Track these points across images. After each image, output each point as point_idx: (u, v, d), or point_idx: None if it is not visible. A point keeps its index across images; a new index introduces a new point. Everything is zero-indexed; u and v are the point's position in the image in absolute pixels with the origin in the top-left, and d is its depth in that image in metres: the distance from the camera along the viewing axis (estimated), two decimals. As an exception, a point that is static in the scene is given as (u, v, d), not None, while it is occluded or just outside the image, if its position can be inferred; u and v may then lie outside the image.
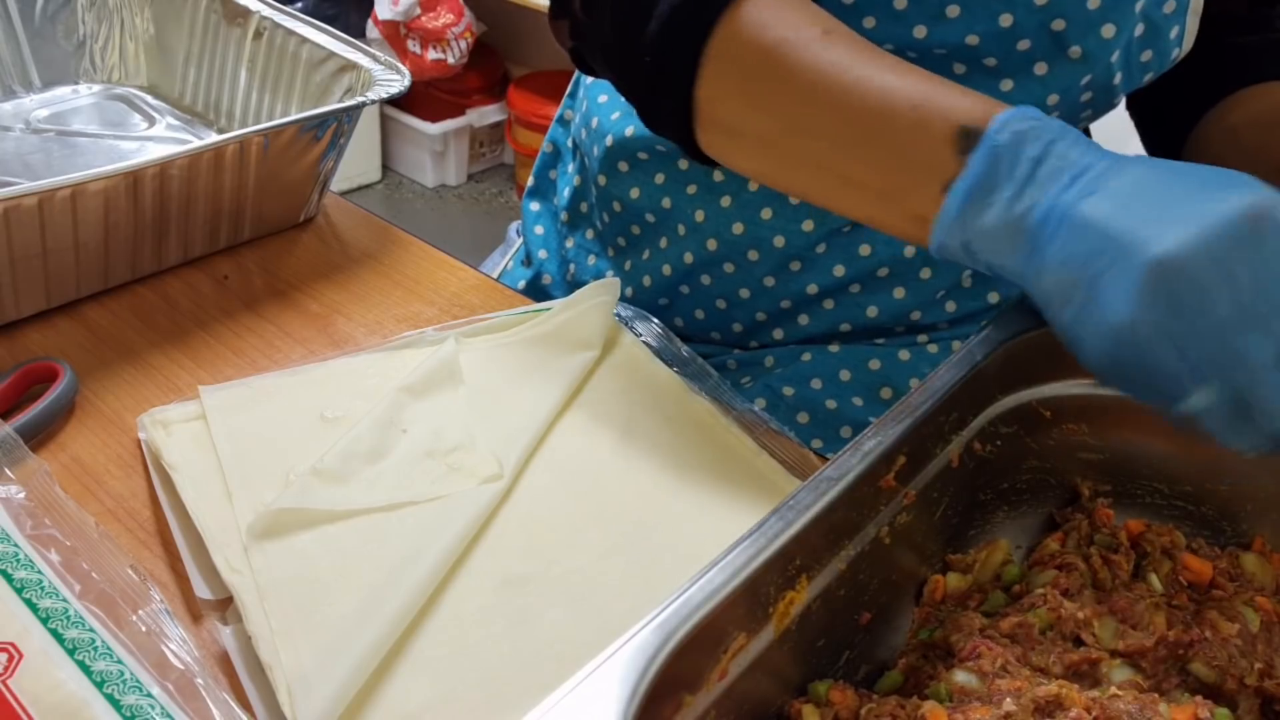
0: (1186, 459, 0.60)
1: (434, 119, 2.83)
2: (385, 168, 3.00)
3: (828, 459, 0.49)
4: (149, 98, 0.99)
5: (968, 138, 0.51)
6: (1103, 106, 0.74)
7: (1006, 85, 0.69)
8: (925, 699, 0.48)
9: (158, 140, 0.95)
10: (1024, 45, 0.68)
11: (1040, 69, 0.69)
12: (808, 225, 0.76)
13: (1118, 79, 0.71)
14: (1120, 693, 0.46)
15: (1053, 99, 0.70)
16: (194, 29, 0.96)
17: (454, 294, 0.80)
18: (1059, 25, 0.67)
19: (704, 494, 0.63)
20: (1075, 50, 0.68)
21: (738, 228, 0.77)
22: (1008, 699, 0.46)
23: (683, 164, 0.79)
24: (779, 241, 0.77)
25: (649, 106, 0.63)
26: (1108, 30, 0.67)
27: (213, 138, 0.75)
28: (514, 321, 0.74)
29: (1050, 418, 0.60)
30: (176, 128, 0.96)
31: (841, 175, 0.56)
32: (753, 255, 0.77)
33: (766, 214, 0.76)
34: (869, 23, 0.68)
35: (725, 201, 0.77)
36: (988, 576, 0.57)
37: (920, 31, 0.68)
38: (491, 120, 2.94)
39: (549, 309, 0.74)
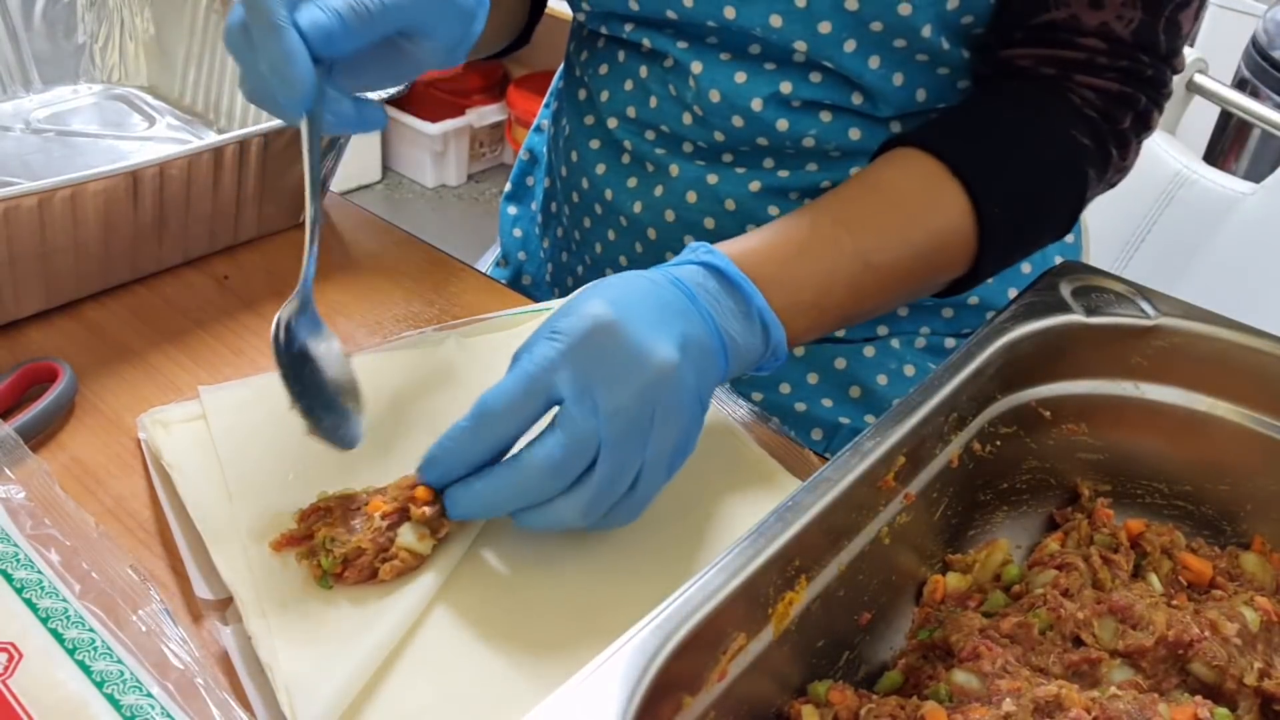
0: (1186, 459, 0.60)
1: (434, 119, 2.83)
2: (385, 168, 3.00)
3: (827, 459, 0.49)
4: (149, 98, 0.99)
5: None
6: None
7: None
8: (925, 699, 0.48)
9: (158, 140, 0.95)
10: (825, 27, 0.70)
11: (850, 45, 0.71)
12: (730, 204, 0.77)
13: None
14: (1120, 693, 0.46)
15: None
16: (194, 29, 0.96)
17: (454, 294, 0.80)
18: (852, 5, 0.69)
19: (704, 494, 0.63)
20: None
21: (669, 215, 0.79)
22: (1008, 699, 0.46)
23: (624, 158, 0.80)
24: (709, 223, 0.78)
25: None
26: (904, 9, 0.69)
27: (212, 138, 0.76)
28: (514, 321, 0.74)
29: (1050, 418, 0.60)
30: (176, 128, 0.96)
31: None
32: (689, 240, 0.78)
33: (691, 198, 0.78)
34: (688, 1, 0.71)
35: (658, 191, 0.79)
36: (988, 576, 0.57)
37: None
38: (491, 120, 2.94)
39: (549, 309, 0.74)
